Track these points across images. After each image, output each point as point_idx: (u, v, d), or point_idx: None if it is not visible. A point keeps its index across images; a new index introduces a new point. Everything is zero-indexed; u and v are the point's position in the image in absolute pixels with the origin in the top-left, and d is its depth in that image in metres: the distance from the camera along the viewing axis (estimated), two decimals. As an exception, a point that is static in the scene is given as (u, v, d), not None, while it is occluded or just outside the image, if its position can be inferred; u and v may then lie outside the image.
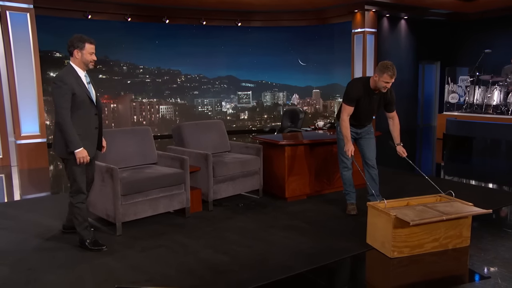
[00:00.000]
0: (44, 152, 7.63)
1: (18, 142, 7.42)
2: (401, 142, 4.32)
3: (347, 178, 4.52)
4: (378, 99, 4.28)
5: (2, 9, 7.11)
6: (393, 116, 4.40)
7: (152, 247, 3.64)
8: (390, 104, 4.35)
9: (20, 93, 7.33)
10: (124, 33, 10.70)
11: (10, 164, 7.66)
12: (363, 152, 4.51)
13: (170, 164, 4.53)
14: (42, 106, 7.65)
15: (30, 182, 6.59)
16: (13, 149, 7.64)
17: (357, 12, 11.09)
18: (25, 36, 7.31)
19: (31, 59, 7.37)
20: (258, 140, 5.35)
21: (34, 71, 7.41)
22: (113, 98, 10.90)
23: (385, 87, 4.06)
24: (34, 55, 7.40)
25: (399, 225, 3.31)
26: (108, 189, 3.88)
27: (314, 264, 3.25)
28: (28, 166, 7.42)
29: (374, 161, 4.47)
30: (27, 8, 7.30)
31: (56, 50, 10.11)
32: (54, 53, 10.11)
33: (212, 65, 12.02)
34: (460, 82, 10.72)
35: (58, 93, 3.38)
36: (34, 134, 7.51)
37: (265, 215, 4.50)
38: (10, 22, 7.17)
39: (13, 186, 6.38)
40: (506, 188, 5.99)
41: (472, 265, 3.27)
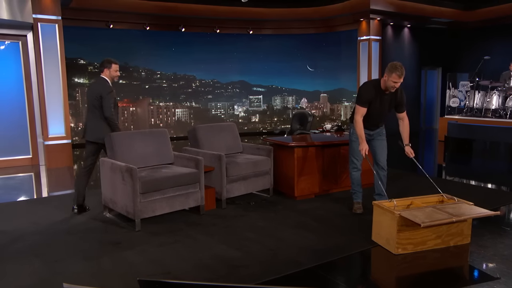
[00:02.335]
0: (69, 152, 7.70)
1: (46, 143, 7.51)
2: (409, 143, 4.25)
3: (355, 178, 4.49)
4: (389, 99, 4.24)
5: (35, 22, 7.24)
6: (403, 117, 4.34)
7: (169, 242, 3.65)
8: (400, 105, 4.29)
9: (48, 97, 7.43)
10: (143, 41, 10.77)
11: (39, 163, 7.75)
12: (374, 153, 4.45)
13: (185, 164, 4.55)
14: (68, 109, 7.74)
15: (56, 180, 6.66)
16: (41, 149, 7.73)
17: (363, 21, 11.03)
18: (53, 45, 7.41)
19: (58, 66, 7.46)
20: (268, 141, 5.34)
21: (60, 77, 7.50)
22: (132, 102, 10.97)
23: (394, 87, 4.02)
24: (61, 62, 7.49)
25: (403, 223, 3.29)
26: (128, 188, 3.91)
27: (321, 260, 3.24)
28: (55, 165, 7.50)
29: (384, 163, 4.42)
30: (56, 19, 7.40)
31: (80, 57, 10.21)
32: (79, 60, 10.21)
33: (225, 70, 12.05)
34: (460, 87, 10.60)
35: (110, 97, 4.46)
36: (60, 135, 7.60)
37: (276, 213, 4.49)
38: (41, 33, 7.30)
39: (41, 183, 6.46)
40: (505, 188, 5.91)
41: (472, 262, 3.24)
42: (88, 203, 4.72)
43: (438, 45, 12.73)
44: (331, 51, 12.29)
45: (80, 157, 8.94)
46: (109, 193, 4.28)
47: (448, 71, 11.94)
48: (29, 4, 7.13)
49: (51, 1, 7.31)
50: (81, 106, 10.29)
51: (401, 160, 4.46)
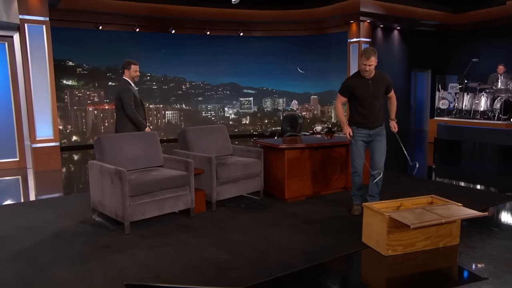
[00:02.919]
0: (57, 155, 7.63)
1: (33, 145, 7.43)
2: (395, 119, 4.48)
3: (356, 182, 4.52)
4: (376, 84, 4.31)
5: (21, 22, 7.16)
6: (391, 96, 4.53)
7: (159, 245, 3.64)
8: (388, 87, 4.44)
9: (35, 99, 7.35)
10: (132, 43, 10.71)
11: (26, 166, 7.66)
12: (372, 155, 4.47)
13: (175, 166, 4.53)
14: (56, 111, 7.67)
15: (44, 183, 6.59)
16: (28, 152, 7.65)
17: (353, 23, 11.10)
18: (41, 46, 7.34)
19: (46, 67, 7.39)
20: (259, 144, 5.35)
21: (48, 79, 7.44)
22: (122, 104, 10.90)
23: (365, 70, 4.20)
24: (49, 64, 7.42)
25: (393, 224, 3.31)
26: (117, 190, 3.89)
27: (312, 262, 3.25)
28: (42, 168, 7.42)
29: (381, 165, 4.43)
30: (43, 20, 7.33)
31: (69, 59, 10.12)
32: (67, 62, 10.12)
33: (215, 72, 12.04)
34: (449, 89, 10.71)
35: (127, 95, 4.89)
36: (48, 138, 7.52)
37: (266, 215, 4.49)
38: (28, 34, 7.22)
39: (28, 187, 6.39)
40: (493, 189, 5.98)
41: (461, 262, 3.27)
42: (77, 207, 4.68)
43: (427, 48, 12.86)
44: (321, 53, 12.35)
45: (69, 160, 8.86)
46: (98, 196, 4.25)
47: (437, 73, 12.06)
48: (15, 5, 7.05)
49: (38, 1, 7.24)
50: (70, 108, 10.20)
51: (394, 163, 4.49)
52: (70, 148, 10.04)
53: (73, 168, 8.22)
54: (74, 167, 8.32)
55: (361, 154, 4.41)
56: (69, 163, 8.61)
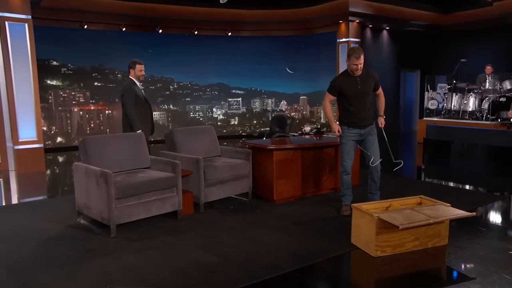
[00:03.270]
0: (41, 157, 7.53)
1: (16, 147, 7.32)
2: (383, 115, 4.58)
3: (345, 181, 4.55)
4: (364, 81, 4.37)
5: (1, 20, 7.05)
6: (379, 93, 4.60)
7: (146, 248, 3.61)
8: (376, 84, 4.50)
9: (18, 100, 7.25)
10: (118, 42, 10.63)
11: (8, 169, 7.55)
12: (368, 152, 4.51)
13: (162, 168, 4.51)
14: (39, 112, 7.58)
15: (27, 186, 6.50)
16: (11, 154, 7.54)
17: (342, 23, 11.17)
18: (23, 45, 7.24)
19: (28, 67, 7.30)
20: (247, 145, 5.35)
21: (31, 79, 7.34)
22: (108, 105, 10.81)
23: (356, 69, 4.27)
24: (31, 63, 7.33)
25: (382, 225, 3.33)
26: (102, 193, 3.85)
27: (301, 264, 3.26)
28: (26, 170, 7.32)
29: (377, 163, 4.48)
30: (26, 18, 7.23)
31: (53, 58, 10.00)
32: (52, 62, 10.00)
33: (203, 72, 12.01)
34: (438, 89, 10.84)
35: (128, 95, 5.00)
36: (31, 139, 7.43)
37: (254, 217, 4.49)
38: (9, 32, 7.11)
39: (10, 190, 6.29)
40: (482, 189, 6.06)
41: (450, 262, 3.31)
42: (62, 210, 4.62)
43: (416, 48, 12.99)
44: (310, 53, 12.41)
45: (54, 162, 8.76)
46: (83, 199, 4.20)
47: (426, 73, 12.19)
48: (-5, 2, 6.95)
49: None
50: (54, 109, 10.09)
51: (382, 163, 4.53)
52: (54, 150, 9.93)
53: (58, 170, 8.12)
54: (58, 169, 8.22)
55: (351, 154, 4.47)
56: (54, 165, 8.51)
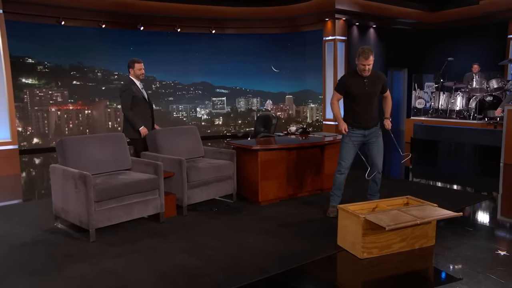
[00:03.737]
0: (16, 159, 7.41)
1: (-11, 149, 7.19)
2: (390, 117, 4.69)
3: (337, 181, 4.58)
4: (372, 83, 4.42)
5: (-31, 14, 6.90)
6: (386, 95, 4.69)
7: (127, 252, 3.58)
8: (383, 86, 4.56)
9: (-10, 99, 7.11)
10: (98, 40, 10.52)
11: (-19, 172, 7.41)
12: (370, 156, 4.57)
13: (144, 169, 4.48)
14: (13, 112, 7.45)
15: (0, 189, 6.38)
16: (-17, 156, 7.39)
17: (328, 21, 11.25)
18: (-5, 41, 7.10)
19: (1, 64, 7.15)
20: (231, 145, 5.35)
21: (4, 76, 7.19)
22: (87, 105, 10.69)
23: (364, 70, 4.29)
24: (4, 60, 7.18)
25: (368, 226, 3.37)
26: (81, 196, 3.81)
27: (286, 266, 3.27)
28: (0, 173, 7.19)
29: (379, 166, 4.55)
30: (-4, 13, 7.09)
31: (28, 56, 9.84)
32: (26, 59, 9.84)
33: (186, 71, 11.98)
34: (426, 88, 11.00)
35: (124, 95, 5.12)
36: (5, 140, 7.29)
37: (239, 219, 4.50)
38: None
39: (-17, 193, 6.17)
40: (469, 189, 6.17)
41: (436, 263, 3.36)
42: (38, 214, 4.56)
43: (404, 46, 13.16)
44: (296, 51, 12.46)
45: (29, 164, 8.63)
46: (61, 202, 4.15)
47: (413, 72, 12.35)
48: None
49: (-12, -9, 6.97)
50: (30, 109, 9.93)
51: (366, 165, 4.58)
52: (30, 151, 9.77)
53: (34, 172, 8.00)
54: (35, 171, 8.10)
55: (350, 154, 4.52)
56: (30, 167, 8.38)
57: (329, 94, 11.38)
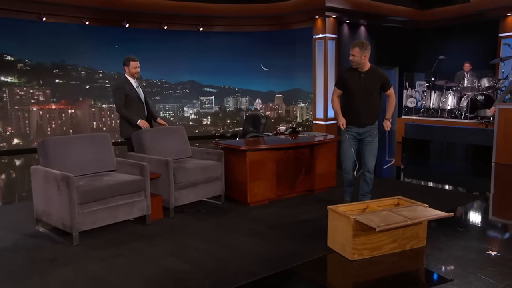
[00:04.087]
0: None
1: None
2: (390, 118, 4.69)
3: (345, 179, 4.81)
4: (368, 78, 4.49)
5: None
6: (388, 94, 4.71)
7: (111, 256, 3.56)
8: (383, 84, 4.58)
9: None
10: (82, 37, 10.42)
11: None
12: (362, 155, 4.66)
13: (129, 171, 4.46)
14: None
15: (-19, 192, 6.31)
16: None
17: (318, 18, 11.29)
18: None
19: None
20: (220, 145, 5.35)
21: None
22: (71, 104, 10.59)
23: (350, 60, 4.48)
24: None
25: (358, 228, 3.39)
26: (64, 198, 3.77)
27: (276, 269, 3.27)
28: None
29: (371, 167, 4.62)
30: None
31: (7, 53, 9.70)
32: (5, 56, 9.70)
33: (173, 70, 11.93)
34: (417, 87, 11.11)
35: (116, 94, 5.18)
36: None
37: (227, 221, 4.50)
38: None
39: (-38, 196, 6.09)
40: (461, 189, 6.25)
41: (427, 265, 3.39)
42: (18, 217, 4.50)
43: (395, 44, 13.23)
44: (285, 49, 12.48)
45: (9, 166, 8.52)
46: (42, 205, 4.11)
47: (405, 70, 12.46)
48: None
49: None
50: (10, 108, 9.80)
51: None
52: (10, 153, 9.64)
53: (14, 174, 7.91)
54: (15, 173, 8.00)
55: (348, 152, 4.63)
56: (10, 168, 8.28)
57: (319, 93, 11.46)
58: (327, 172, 5.56)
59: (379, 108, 4.69)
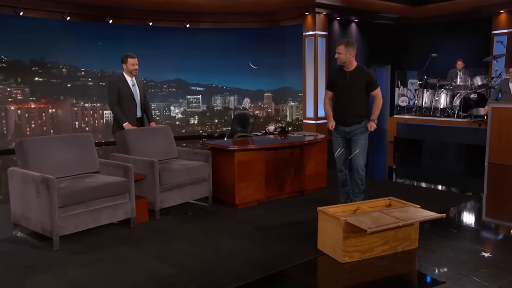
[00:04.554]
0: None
1: None
2: (375, 120, 4.70)
3: (339, 178, 4.94)
4: (353, 77, 4.59)
5: None
6: (374, 95, 4.72)
7: (94, 261, 3.53)
8: (368, 83, 4.62)
9: None
10: (62, 33, 10.31)
11: None
12: (350, 154, 4.75)
13: (113, 172, 4.43)
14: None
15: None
16: None
17: (308, 15, 11.32)
18: None
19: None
20: (207, 145, 5.34)
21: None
22: (51, 103, 10.48)
23: (336, 58, 4.58)
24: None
25: (349, 229, 3.40)
26: (44, 201, 3.73)
27: (265, 272, 3.27)
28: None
29: (359, 165, 4.67)
30: None
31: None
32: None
33: (159, 68, 11.86)
34: (409, 85, 11.19)
35: (109, 90, 5.33)
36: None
37: (215, 223, 4.49)
38: None
39: None
40: (454, 189, 6.31)
41: (420, 267, 3.42)
42: None
43: (386, 42, 13.31)
44: (275, 47, 12.49)
45: (-12, 168, 8.40)
46: (21, 209, 4.06)
47: (397, 68, 12.52)
48: None
49: None
50: (-12, 107, 9.68)
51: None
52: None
53: None
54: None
55: (340, 151, 4.77)
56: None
57: (310, 91, 11.49)
58: (317, 173, 5.58)
59: (366, 107, 4.73)
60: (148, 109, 5.77)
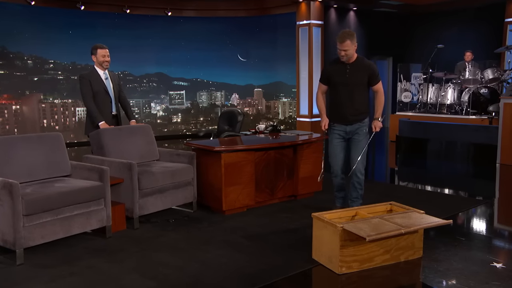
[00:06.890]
0: None
1: None
2: (379, 118, 4.66)
3: (335, 183, 4.91)
4: (353, 70, 4.56)
5: None
6: (376, 90, 4.72)
7: (64, 275, 3.50)
8: (371, 77, 4.62)
9: None
10: (26, 20, 10.21)
11: None
12: (349, 155, 4.73)
13: (86, 176, 4.40)
14: None
15: None
16: None
17: (302, 2, 11.31)
18: None
19: None
20: (191, 146, 5.34)
21: None
22: (15, 99, 10.39)
23: (341, 55, 4.50)
24: None
25: (347, 237, 3.42)
26: (5, 209, 3.68)
27: (253, 285, 3.28)
28: None
29: (358, 169, 4.66)
30: None
31: None
32: None
33: (138, 60, 11.84)
34: (413, 79, 11.23)
35: (80, 86, 5.33)
36: None
37: (200, 232, 4.49)
38: None
39: None
40: (462, 193, 6.36)
41: (424, 278, 3.44)
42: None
43: (388, 32, 13.37)
44: (266, 37, 12.51)
45: None
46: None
47: (399, 61, 12.58)
48: None
49: None
50: None
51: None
52: None
53: None
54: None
55: (337, 154, 4.72)
56: None
57: (304, 87, 11.51)
58: (312, 176, 5.59)
59: (368, 103, 4.75)
60: (126, 106, 5.80)
